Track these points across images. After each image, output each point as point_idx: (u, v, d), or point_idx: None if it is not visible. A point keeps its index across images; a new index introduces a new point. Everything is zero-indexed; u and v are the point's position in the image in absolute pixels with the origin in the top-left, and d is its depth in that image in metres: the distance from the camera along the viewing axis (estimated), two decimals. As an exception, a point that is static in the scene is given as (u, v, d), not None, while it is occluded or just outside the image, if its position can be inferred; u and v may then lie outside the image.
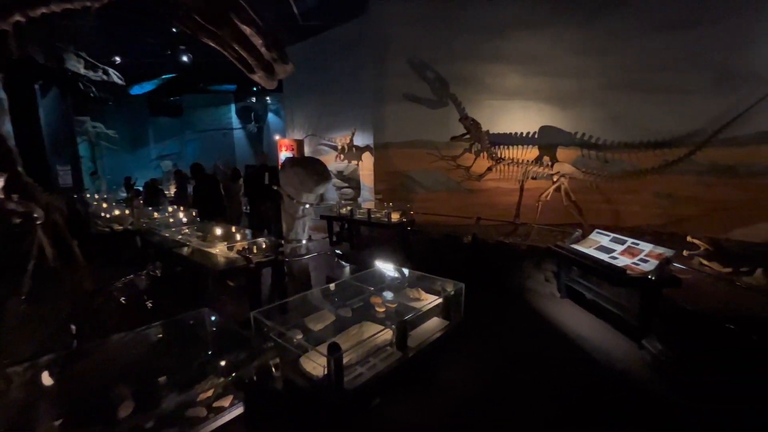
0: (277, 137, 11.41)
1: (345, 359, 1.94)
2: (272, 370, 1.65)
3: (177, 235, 4.91)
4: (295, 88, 9.88)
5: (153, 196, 8.71)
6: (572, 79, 7.05)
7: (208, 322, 1.99)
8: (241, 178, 7.90)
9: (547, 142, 7.12)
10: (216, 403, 1.58)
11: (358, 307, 2.58)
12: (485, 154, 6.33)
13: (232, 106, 17.52)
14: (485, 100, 7.30)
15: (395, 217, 5.83)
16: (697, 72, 5.98)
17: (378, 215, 6.13)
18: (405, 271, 3.13)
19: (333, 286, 2.99)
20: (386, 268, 3.26)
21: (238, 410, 1.60)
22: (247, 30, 2.59)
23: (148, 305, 3.02)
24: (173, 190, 11.04)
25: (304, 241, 3.90)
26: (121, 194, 12.12)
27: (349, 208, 6.60)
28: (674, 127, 6.17)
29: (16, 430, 1.49)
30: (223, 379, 1.61)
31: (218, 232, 4.63)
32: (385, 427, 2.09)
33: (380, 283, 2.98)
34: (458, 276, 3.07)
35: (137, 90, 15.95)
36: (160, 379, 1.69)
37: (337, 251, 4.38)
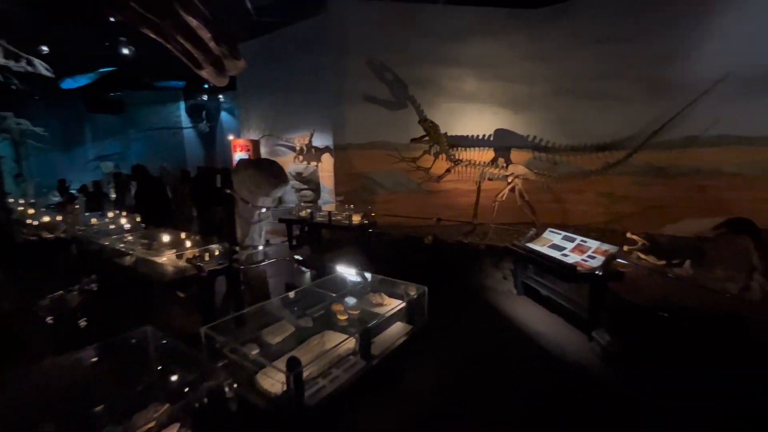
0: (231, 137, 10.89)
1: (306, 373, 1.85)
2: (225, 390, 1.53)
3: (118, 243, 4.51)
4: (250, 86, 9.48)
5: (95, 200, 7.93)
6: (524, 85, 7.41)
7: (152, 341, 1.81)
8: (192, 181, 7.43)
9: (502, 145, 7.42)
10: (161, 433, 1.43)
11: (319, 316, 2.49)
12: (444, 156, 6.45)
13: (182, 104, 16.45)
14: (443, 103, 7.46)
15: (356, 219, 5.77)
16: (632, 82, 6.53)
17: (339, 217, 6.03)
18: (367, 275, 3.08)
19: (293, 294, 2.87)
20: (348, 272, 3.19)
21: (187, 438, 1.46)
22: (193, 22, 2.42)
23: (82, 325, 2.72)
24: (113, 193, 10.16)
25: (261, 247, 3.72)
26: (54, 198, 10.96)
27: (309, 211, 6.44)
28: (614, 132, 6.68)
29: None
30: (168, 405, 1.46)
31: (165, 239, 4.31)
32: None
33: (342, 288, 2.90)
34: (420, 277, 3.08)
35: (70, 84, 14.46)
36: (95, 410, 1.51)
37: (297, 256, 4.24)
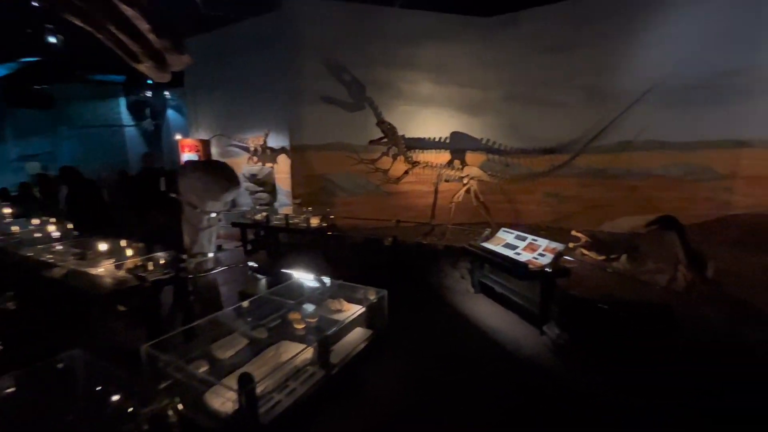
0: (179, 137, 10.22)
1: (260, 388, 1.75)
2: (169, 415, 1.40)
3: (45, 254, 4.04)
4: (200, 83, 8.94)
5: (22, 205, 7.00)
6: (478, 90, 7.69)
7: (82, 365, 1.61)
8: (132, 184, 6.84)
9: (458, 147, 7.65)
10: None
11: (275, 326, 2.38)
12: (402, 158, 6.52)
13: (122, 100, 15.17)
14: (400, 106, 7.53)
15: (315, 222, 5.64)
16: (574, 90, 7.02)
17: (296, 221, 5.86)
18: (326, 280, 3.00)
19: (247, 303, 2.73)
20: (306, 278, 3.09)
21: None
22: (128, 11, 2.20)
23: (-3, 350, 2.39)
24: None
25: (211, 254, 3.51)
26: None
27: (264, 214, 6.20)
28: (559, 136, 7.14)
29: None
30: (102, 437, 1.31)
31: (102, 247, 3.93)
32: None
33: (300, 296, 2.80)
34: (380, 279, 3.07)
35: (-16, 74, 12.82)
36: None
37: (251, 263, 4.05)
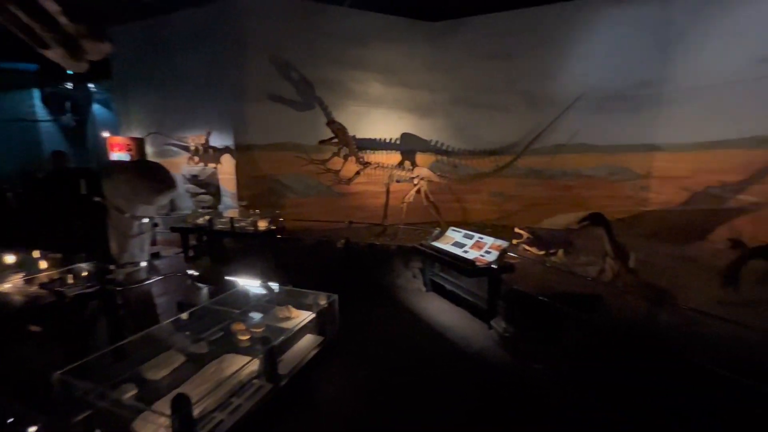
0: (107, 134, 9.25)
1: (199, 408, 1.62)
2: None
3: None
4: (131, 75, 8.15)
5: None
6: (426, 92, 7.87)
7: (-24, 402, 1.36)
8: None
9: (408, 148, 7.77)
10: None
11: (217, 339, 2.22)
12: (353, 159, 6.47)
13: (36, 91, 13.38)
14: (351, 106, 7.48)
15: (263, 225, 5.39)
16: (514, 95, 7.45)
17: (243, 224, 5.56)
18: (274, 286, 2.87)
19: (186, 315, 2.52)
20: (252, 285, 2.93)
21: None
22: (34, -9, 1.93)
23: None
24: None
25: (144, 263, 3.20)
26: None
27: (207, 218, 5.81)
28: (501, 139, 7.54)
29: None
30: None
31: (9, 260, 3.43)
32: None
33: (245, 304, 2.65)
34: (334, 281, 3.00)
35: None
36: None
37: (192, 271, 3.75)
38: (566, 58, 7.04)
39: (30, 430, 1.28)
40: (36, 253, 3.60)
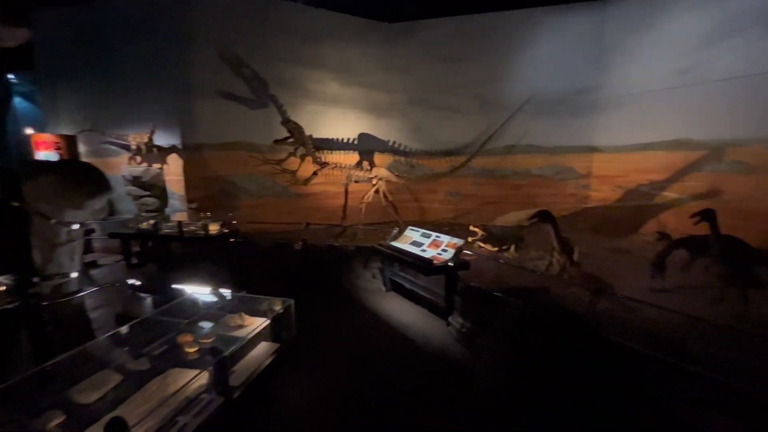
0: (31, 131, 8.30)
1: (140, 431, 1.48)
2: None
3: None
4: (58, 67, 7.34)
5: None
6: (383, 92, 7.92)
7: None
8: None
9: (366, 149, 7.76)
10: None
11: (160, 353, 2.05)
12: (310, 158, 6.33)
13: (-60, 81, 11.68)
14: (307, 105, 7.34)
15: (214, 228, 5.11)
16: (468, 97, 7.72)
17: (192, 228, 5.23)
18: (226, 293, 2.72)
19: (125, 329, 2.31)
20: (202, 293, 2.76)
21: None
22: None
23: None
24: None
25: (75, 274, 2.89)
26: None
27: (152, 222, 5.39)
28: (456, 139, 7.78)
29: None
30: None
31: None
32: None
33: (193, 314, 2.48)
34: (291, 285, 2.91)
35: None
36: None
37: (132, 280, 3.45)
38: (514, 64, 7.41)
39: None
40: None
